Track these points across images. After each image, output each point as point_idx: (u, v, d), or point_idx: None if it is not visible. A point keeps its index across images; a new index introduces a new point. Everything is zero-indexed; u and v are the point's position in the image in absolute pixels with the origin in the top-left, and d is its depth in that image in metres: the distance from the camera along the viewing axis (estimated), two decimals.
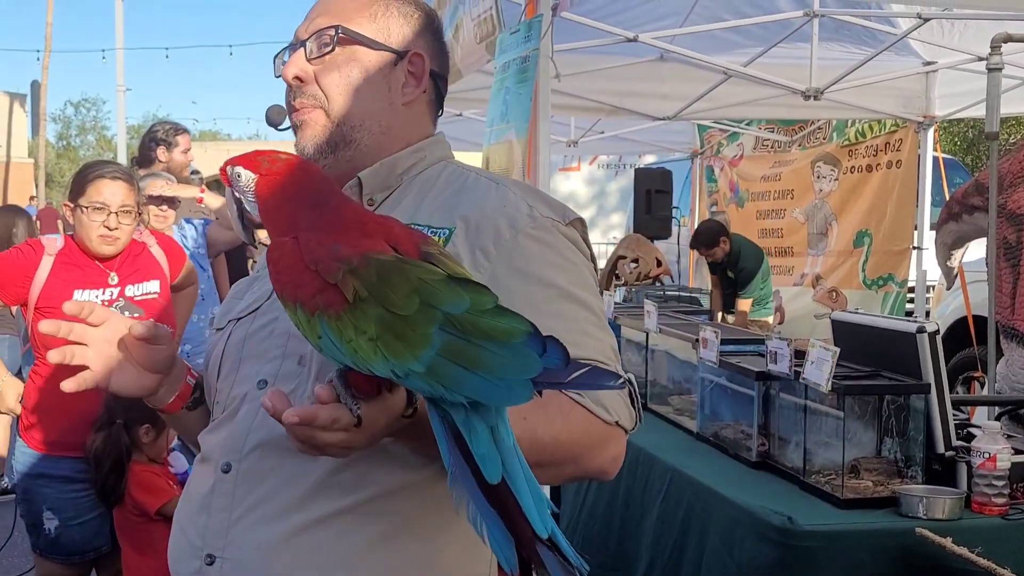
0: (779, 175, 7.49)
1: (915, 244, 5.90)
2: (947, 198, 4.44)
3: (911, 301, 6.02)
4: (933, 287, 6.20)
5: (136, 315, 2.86)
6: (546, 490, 1.28)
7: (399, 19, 1.32)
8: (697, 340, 2.92)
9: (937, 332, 2.33)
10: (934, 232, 4.23)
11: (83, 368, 1.22)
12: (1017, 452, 2.23)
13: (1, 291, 2.83)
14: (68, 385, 1.23)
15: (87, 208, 2.80)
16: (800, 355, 2.43)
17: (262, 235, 4.58)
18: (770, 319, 6.46)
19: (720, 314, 5.91)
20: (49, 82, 31.50)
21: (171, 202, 4.02)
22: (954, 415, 2.40)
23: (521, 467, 0.92)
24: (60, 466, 2.80)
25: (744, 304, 6.23)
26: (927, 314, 5.96)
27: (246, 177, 1.08)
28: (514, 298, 1.11)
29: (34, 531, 2.86)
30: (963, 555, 1.96)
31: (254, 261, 4.84)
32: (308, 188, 1.05)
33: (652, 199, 7.22)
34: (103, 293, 2.84)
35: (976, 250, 4.35)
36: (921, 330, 2.31)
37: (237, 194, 1.09)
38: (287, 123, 1.33)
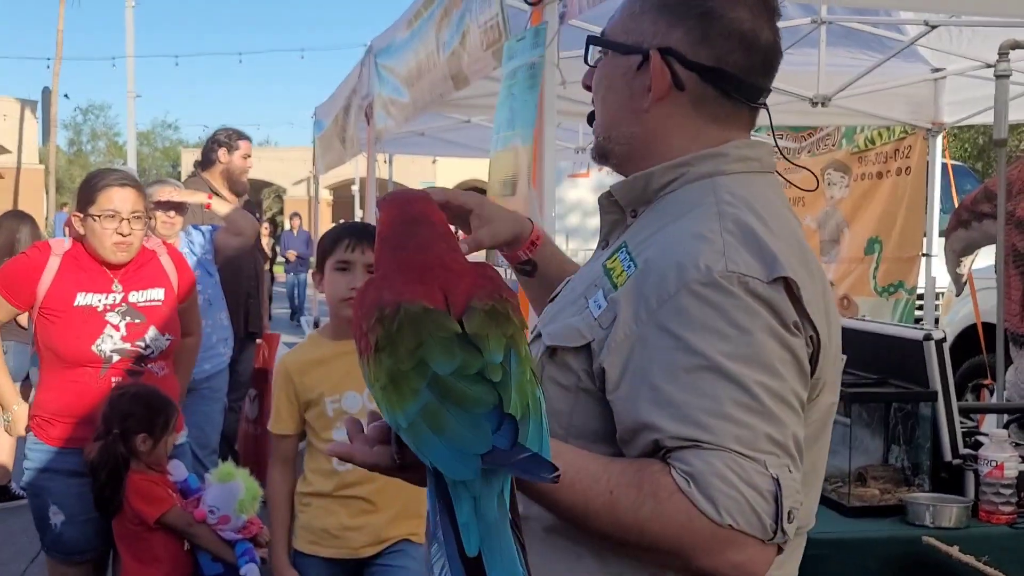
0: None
1: (924, 251, 5.88)
2: (956, 205, 4.43)
3: (920, 308, 6.00)
4: (942, 294, 6.18)
5: (138, 321, 2.86)
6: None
7: (653, 14, 1.20)
8: None
9: (944, 339, 2.32)
10: (943, 239, 4.22)
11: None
12: None
13: (14, 299, 2.85)
14: None
15: (99, 216, 2.81)
16: None
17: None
18: None
19: None
20: (59, 89, 31.67)
21: (178, 208, 4.04)
22: (962, 423, 2.39)
23: (500, 546, 0.88)
24: (67, 460, 2.80)
25: None
26: (936, 321, 5.93)
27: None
28: (657, 361, 1.04)
29: (42, 527, 2.86)
30: (970, 564, 1.95)
31: (269, 270, 4.87)
32: (392, 228, 1.06)
33: None
34: (106, 297, 2.84)
35: (985, 257, 4.34)
36: (928, 337, 2.30)
37: None
38: None
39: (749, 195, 1.14)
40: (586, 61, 1.30)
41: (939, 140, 5.79)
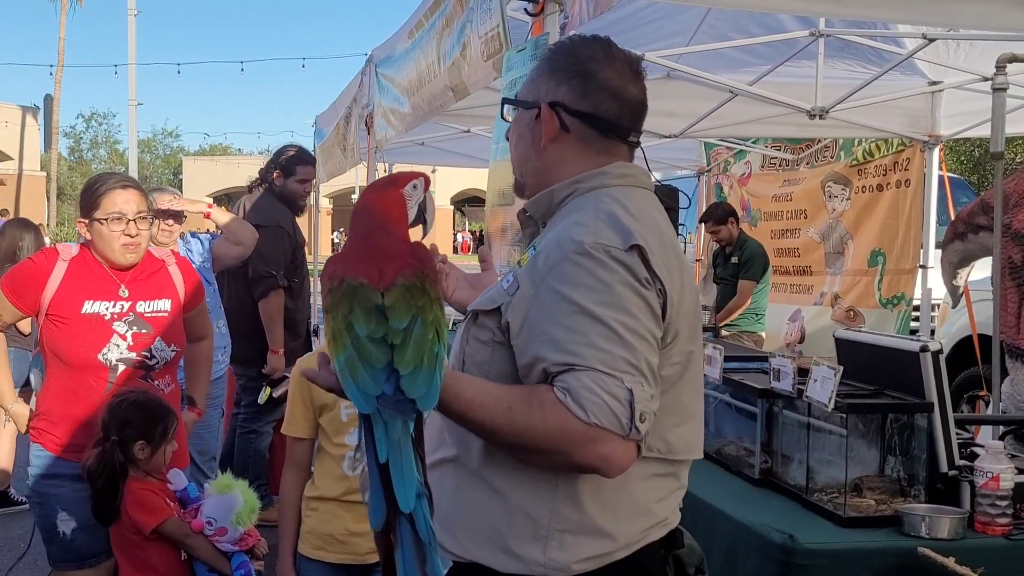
0: (790, 194, 7.49)
1: (920, 263, 5.90)
2: (953, 217, 4.44)
3: (916, 319, 6.01)
4: (939, 305, 6.19)
5: (144, 331, 2.86)
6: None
7: (546, 76, 1.57)
8: None
9: (940, 351, 2.33)
10: (940, 251, 4.23)
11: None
12: (1020, 472, 2.23)
13: (19, 301, 2.84)
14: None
15: (105, 220, 2.80)
16: (803, 373, 2.44)
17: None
18: (763, 333, 6.45)
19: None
20: (62, 96, 31.74)
21: (177, 216, 4.05)
22: (958, 434, 2.40)
23: (401, 457, 1.26)
24: (72, 466, 2.78)
25: (747, 286, 6.22)
26: (932, 332, 5.94)
27: None
28: (544, 312, 1.39)
29: (50, 538, 2.83)
30: (966, 575, 1.95)
31: (277, 276, 4.85)
32: (361, 215, 1.43)
33: None
34: (113, 306, 2.84)
35: (982, 269, 4.35)
36: (924, 349, 2.32)
37: None
38: None
39: (624, 199, 1.50)
40: (502, 116, 1.66)
41: (936, 152, 5.81)
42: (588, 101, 1.54)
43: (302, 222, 4.99)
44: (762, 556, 2.15)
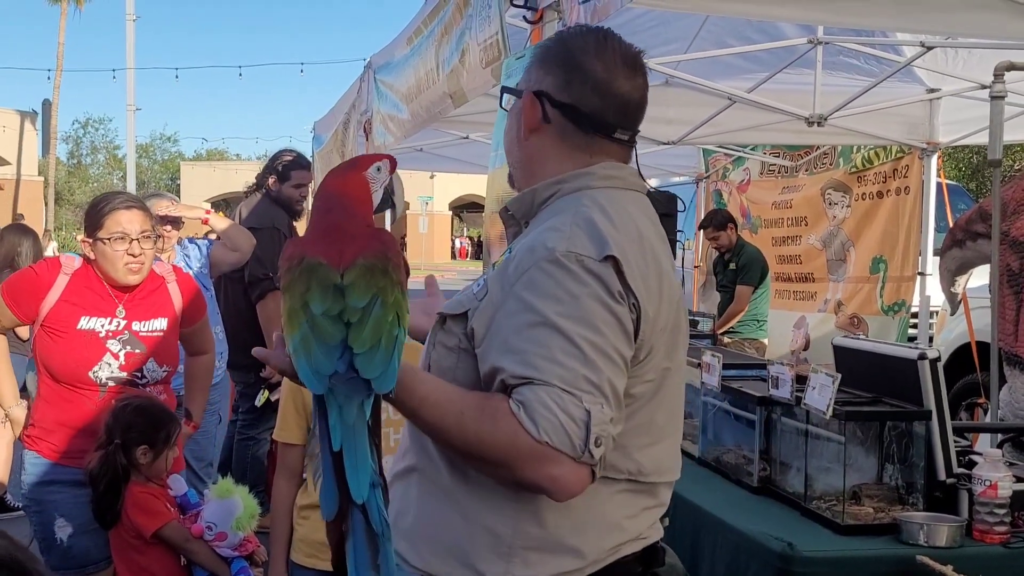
0: (790, 202, 7.49)
1: (919, 270, 5.90)
2: (951, 224, 4.45)
3: (915, 326, 6.02)
4: (937, 312, 6.20)
5: (137, 351, 2.86)
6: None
7: (538, 64, 1.51)
8: (699, 364, 2.92)
9: (938, 359, 2.33)
10: (937, 258, 4.23)
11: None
12: (1019, 480, 2.23)
13: (18, 309, 2.85)
14: None
15: (109, 240, 2.81)
16: (802, 380, 2.44)
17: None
18: (766, 340, 6.44)
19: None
20: (60, 101, 31.71)
21: (175, 222, 4.05)
22: (956, 442, 2.40)
23: (356, 443, 1.20)
24: (69, 472, 2.78)
25: (744, 291, 6.22)
26: (930, 340, 5.94)
27: None
28: (508, 320, 1.33)
29: (48, 546, 2.82)
30: None
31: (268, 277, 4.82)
32: (321, 198, 1.38)
33: None
34: (109, 323, 2.84)
35: (980, 276, 4.35)
36: (922, 357, 2.32)
37: None
38: None
39: (606, 202, 1.42)
40: (501, 106, 1.61)
41: (934, 160, 5.82)
42: (571, 93, 1.46)
43: (299, 228, 4.98)
44: (761, 564, 2.15)
